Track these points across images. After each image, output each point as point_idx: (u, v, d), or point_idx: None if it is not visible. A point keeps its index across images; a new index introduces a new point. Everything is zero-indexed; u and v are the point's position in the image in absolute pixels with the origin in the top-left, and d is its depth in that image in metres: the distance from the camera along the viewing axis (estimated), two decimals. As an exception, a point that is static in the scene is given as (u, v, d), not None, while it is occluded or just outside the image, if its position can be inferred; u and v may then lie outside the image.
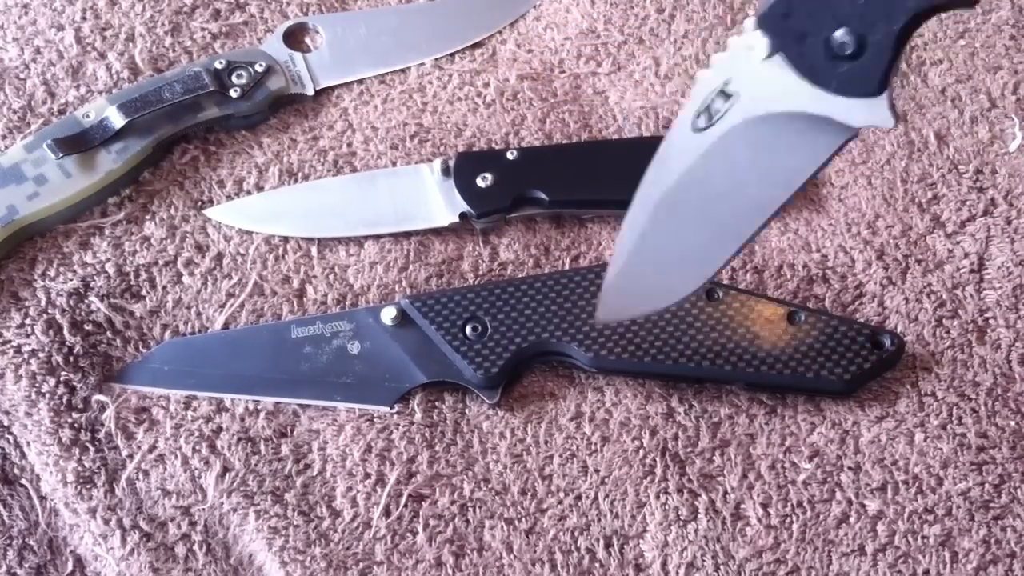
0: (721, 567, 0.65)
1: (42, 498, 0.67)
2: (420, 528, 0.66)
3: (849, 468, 0.67)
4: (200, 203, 0.76)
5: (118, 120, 0.74)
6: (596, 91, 0.82)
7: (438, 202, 0.75)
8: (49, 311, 0.71)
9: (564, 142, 0.79)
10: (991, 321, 0.72)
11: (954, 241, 0.74)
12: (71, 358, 0.70)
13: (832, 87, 0.48)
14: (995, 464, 0.67)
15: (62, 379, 0.69)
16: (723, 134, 0.51)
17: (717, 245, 0.54)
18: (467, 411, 0.69)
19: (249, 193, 0.77)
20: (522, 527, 0.66)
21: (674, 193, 0.53)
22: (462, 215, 0.75)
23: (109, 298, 0.72)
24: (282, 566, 0.65)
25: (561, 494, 0.67)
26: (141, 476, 0.67)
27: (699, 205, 0.53)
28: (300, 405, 0.69)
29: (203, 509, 0.66)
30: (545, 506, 0.67)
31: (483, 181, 0.75)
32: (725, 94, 0.50)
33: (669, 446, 0.68)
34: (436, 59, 0.84)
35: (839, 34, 0.46)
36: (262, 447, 0.68)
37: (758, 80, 0.49)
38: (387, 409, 0.69)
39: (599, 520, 0.66)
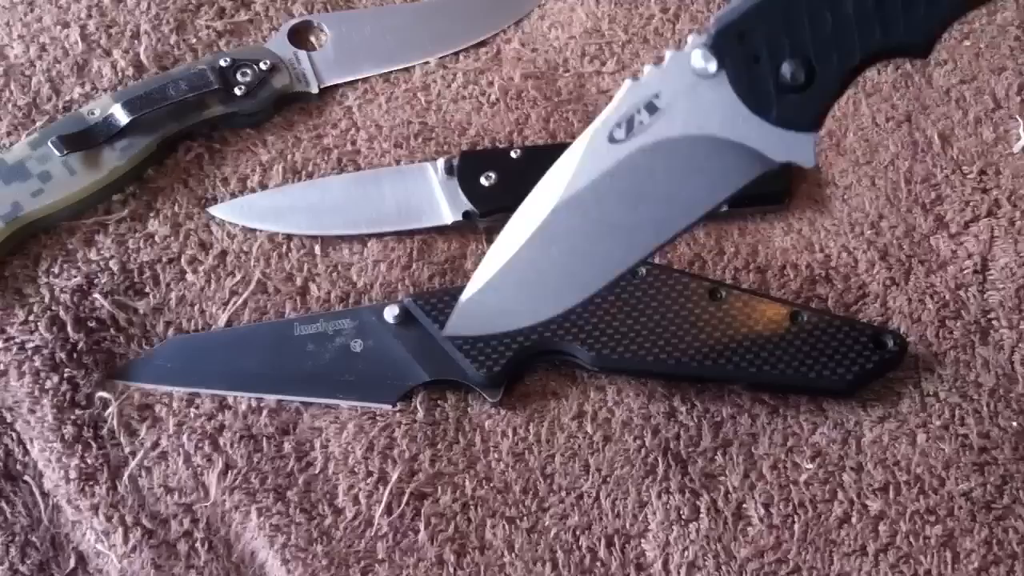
0: (723, 567, 0.64)
1: (44, 495, 0.67)
2: (422, 526, 0.66)
3: (851, 468, 0.67)
4: (204, 201, 0.76)
5: (123, 117, 0.74)
6: (600, 90, 0.82)
7: (442, 201, 0.75)
8: (53, 308, 0.71)
9: (568, 141, 0.79)
10: (994, 322, 0.71)
11: (958, 242, 0.74)
12: (74, 355, 0.70)
13: (771, 116, 0.47)
14: (997, 465, 0.67)
15: (65, 376, 0.69)
16: (640, 148, 0.50)
17: (607, 262, 0.52)
18: (469, 410, 0.69)
19: (253, 191, 0.77)
20: (524, 526, 0.66)
21: (573, 201, 0.51)
22: (466, 214, 0.75)
23: (113, 295, 0.72)
24: (284, 564, 0.65)
25: (563, 493, 0.67)
26: (143, 473, 0.67)
27: (597, 218, 0.51)
28: (302, 403, 0.69)
29: (205, 506, 0.66)
30: (547, 505, 0.67)
31: (487, 180, 0.75)
32: (651, 107, 0.49)
33: (671, 445, 0.68)
34: (441, 58, 0.84)
35: (790, 64, 0.46)
36: (264, 445, 0.68)
37: (692, 98, 0.48)
38: (389, 407, 0.69)
39: (601, 519, 0.66)
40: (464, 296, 0.56)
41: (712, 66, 0.47)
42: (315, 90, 0.81)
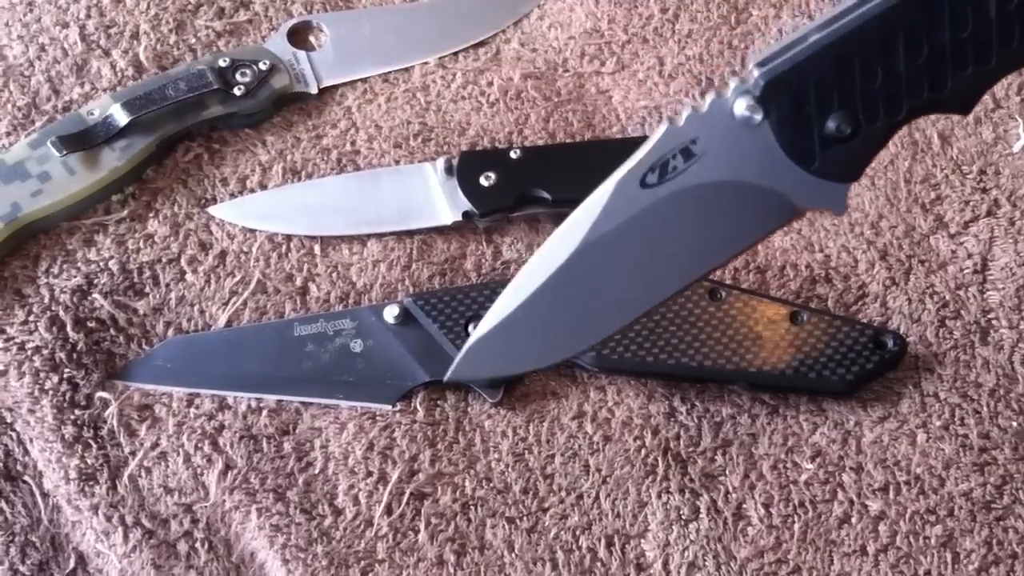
0: (723, 567, 0.64)
1: (44, 495, 0.67)
2: (422, 526, 0.66)
3: (851, 468, 0.67)
4: (203, 201, 0.76)
5: (122, 118, 0.74)
6: (600, 90, 0.82)
7: (441, 201, 0.75)
8: (52, 308, 0.71)
9: (567, 141, 0.79)
10: (994, 322, 0.71)
11: (957, 242, 0.74)
12: (74, 355, 0.70)
13: (812, 167, 0.46)
14: (997, 465, 0.67)
15: (65, 376, 0.69)
16: (672, 193, 0.49)
17: (625, 305, 0.52)
18: (469, 410, 0.69)
19: (253, 191, 0.77)
20: (524, 526, 0.66)
21: (598, 245, 0.51)
22: (465, 214, 0.75)
23: (112, 295, 0.72)
24: (284, 564, 0.65)
25: (563, 493, 0.67)
26: (143, 473, 0.67)
27: (620, 262, 0.51)
28: (302, 403, 0.69)
29: (205, 507, 0.66)
30: (547, 505, 0.67)
31: (486, 180, 0.75)
32: (688, 153, 0.49)
33: (671, 446, 0.68)
34: (440, 58, 0.84)
35: (837, 117, 0.45)
36: (264, 445, 0.68)
37: (731, 145, 0.48)
38: (389, 407, 0.69)
39: (600, 519, 0.66)
40: (473, 338, 0.55)
41: (758, 117, 0.47)
42: (314, 90, 0.81)
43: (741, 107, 0.47)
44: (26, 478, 0.68)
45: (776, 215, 0.49)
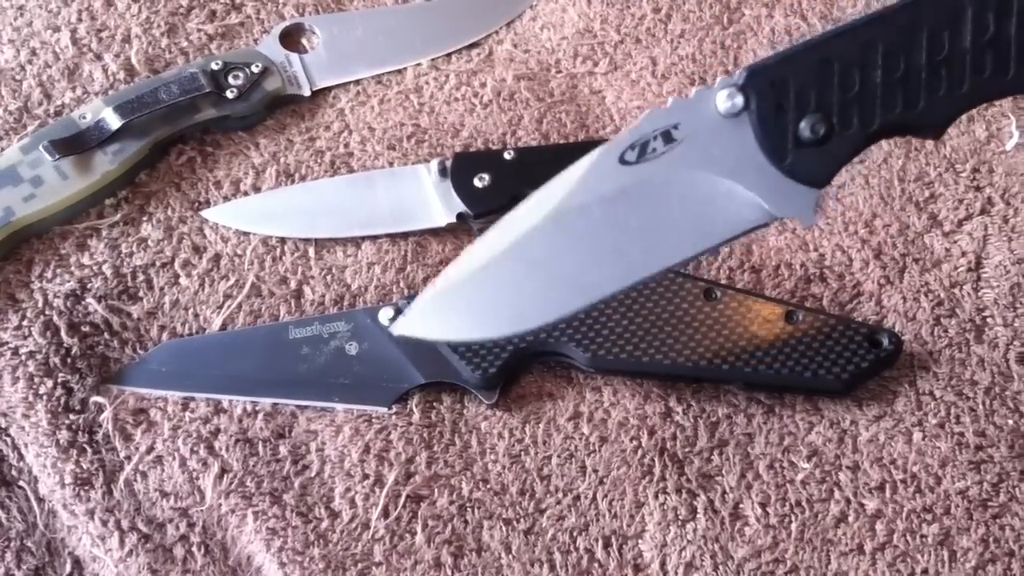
0: (720, 567, 0.64)
1: (40, 500, 0.67)
2: (419, 529, 0.66)
3: (847, 467, 0.67)
4: (197, 204, 0.76)
5: (114, 121, 0.74)
6: (593, 91, 0.82)
7: (435, 202, 0.75)
8: (46, 313, 0.71)
9: (561, 142, 0.79)
10: (989, 320, 0.72)
11: (951, 240, 0.74)
12: (68, 360, 0.69)
13: (784, 165, 0.47)
14: (993, 463, 0.67)
15: (60, 381, 0.69)
16: (650, 175, 0.50)
17: (585, 284, 0.51)
18: (465, 411, 0.69)
19: (246, 194, 0.77)
20: (521, 527, 0.66)
21: (568, 215, 0.50)
22: (459, 215, 0.75)
23: (106, 299, 0.72)
24: (280, 567, 0.65)
25: (560, 494, 0.67)
26: (139, 478, 0.67)
27: (587, 237, 0.50)
28: (298, 406, 0.69)
29: (201, 510, 0.66)
30: (544, 506, 0.67)
31: (480, 181, 0.75)
32: (668, 136, 0.49)
33: (667, 446, 0.68)
34: (433, 59, 0.84)
35: (812, 118, 0.47)
36: (260, 448, 0.68)
37: (710, 135, 0.49)
38: (385, 410, 0.69)
39: (597, 520, 0.66)
40: (429, 291, 0.53)
41: (738, 103, 0.48)
42: (307, 92, 0.81)
43: (723, 97, 0.48)
44: (21, 483, 0.67)
45: (746, 217, 0.49)
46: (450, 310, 0.52)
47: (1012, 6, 0.46)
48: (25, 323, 0.70)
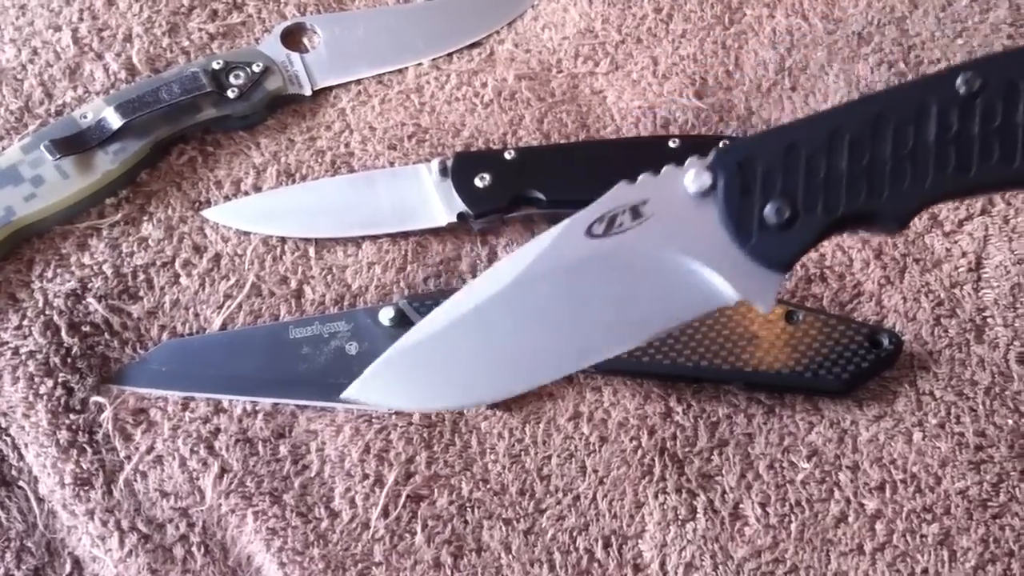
0: (720, 567, 0.64)
1: (40, 500, 0.67)
2: (418, 529, 0.66)
3: (847, 467, 0.67)
4: (198, 204, 0.76)
5: (115, 121, 0.74)
6: (594, 91, 0.82)
7: (436, 202, 0.75)
8: (47, 312, 0.71)
9: (562, 142, 0.79)
10: (989, 320, 0.72)
11: (952, 240, 0.74)
12: (69, 359, 0.70)
13: (748, 246, 0.48)
14: (993, 463, 0.67)
15: (60, 380, 0.69)
16: (615, 249, 0.50)
17: (540, 360, 0.50)
18: (465, 411, 0.69)
19: (247, 194, 0.77)
20: (520, 527, 0.66)
21: (533, 283, 0.50)
22: (460, 215, 0.74)
23: (107, 299, 0.72)
24: (280, 567, 0.65)
25: (559, 494, 0.67)
26: (139, 477, 0.67)
27: (552, 306, 0.50)
28: (298, 406, 0.69)
29: (201, 510, 0.66)
30: (543, 506, 0.67)
31: (481, 181, 0.74)
32: (636, 212, 0.49)
33: (667, 446, 0.68)
34: (434, 59, 0.84)
35: (777, 202, 0.47)
36: (260, 448, 0.68)
37: (676, 214, 0.49)
38: (385, 410, 0.69)
39: (597, 520, 0.66)
40: (380, 359, 0.52)
41: (706, 182, 0.48)
42: (308, 92, 0.81)
43: (692, 176, 0.48)
44: (21, 483, 0.67)
45: (709, 298, 0.49)
46: (402, 378, 0.51)
47: (976, 108, 0.46)
48: (25, 323, 0.70)
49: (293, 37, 0.83)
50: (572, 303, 0.49)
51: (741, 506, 0.66)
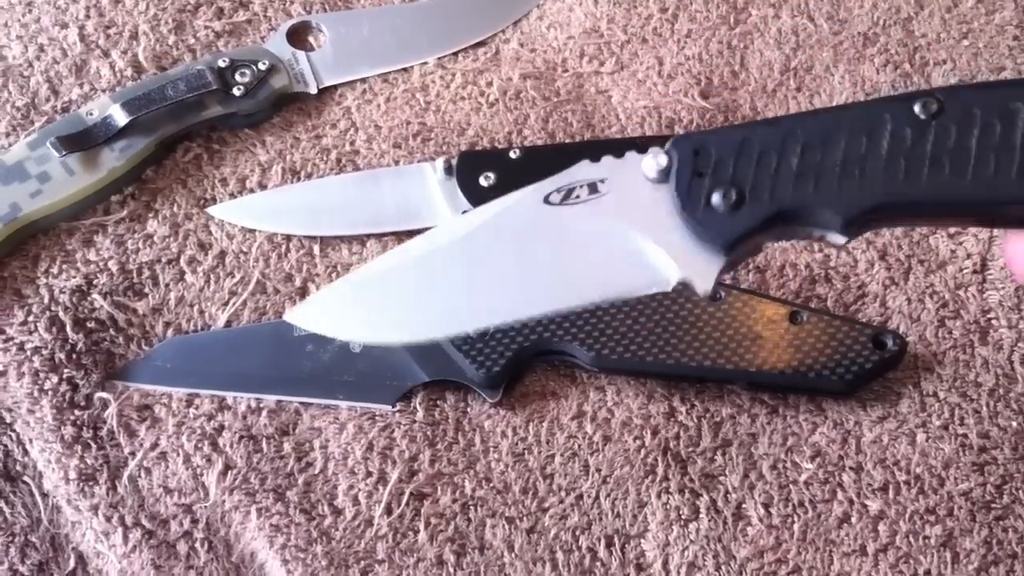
0: (722, 567, 0.64)
1: (44, 495, 0.67)
2: (422, 526, 0.66)
3: (851, 468, 0.67)
4: (203, 201, 0.76)
5: (121, 118, 0.74)
6: (599, 90, 0.82)
7: (441, 201, 0.75)
8: (52, 308, 0.71)
9: (567, 141, 0.79)
10: (993, 322, 0.71)
11: (956, 241, 0.74)
12: (74, 355, 0.70)
13: (694, 224, 0.49)
14: (997, 465, 0.67)
15: (64, 376, 0.69)
16: (568, 217, 0.51)
17: (487, 306, 0.52)
18: (469, 410, 0.69)
19: (252, 191, 0.77)
20: (523, 526, 0.66)
21: (483, 238, 0.52)
22: (464, 214, 0.74)
23: (112, 296, 0.72)
24: (283, 564, 0.65)
25: (563, 493, 0.67)
26: (143, 474, 0.67)
27: (498, 261, 0.52)
28: (302, 403, 0.69)
29: (205, 507, 0.66)
30: (546, 505, 0.67)
31: (486, 180, 0.75)
32: (593, 187, 0.51)
33: (671, 445, 0.68)
34: (439, 58, 0.84)
35: (726, 187, 0.49)
36: (264, 445, 0.68)
37: (632, 190, 0.51)
38: (389, 408, 0.69)
39: (600, 519, 0.66)
40: (323, 289, 0.55)
41: (662, 163, 0.50)
42: (314, 90, 0.81)
43: (650, 158, 0.50)
44: (26, 478, 0.68)
45: (652, 273, 0.51)
46: (342, 307, 0.53)
47: (930, 129, 0.47)
48: (31, 319, 0.70)
49: (299, 35, 0.84)
50: (517, 260, 0.51)
51: (744, 506, 0.66)
